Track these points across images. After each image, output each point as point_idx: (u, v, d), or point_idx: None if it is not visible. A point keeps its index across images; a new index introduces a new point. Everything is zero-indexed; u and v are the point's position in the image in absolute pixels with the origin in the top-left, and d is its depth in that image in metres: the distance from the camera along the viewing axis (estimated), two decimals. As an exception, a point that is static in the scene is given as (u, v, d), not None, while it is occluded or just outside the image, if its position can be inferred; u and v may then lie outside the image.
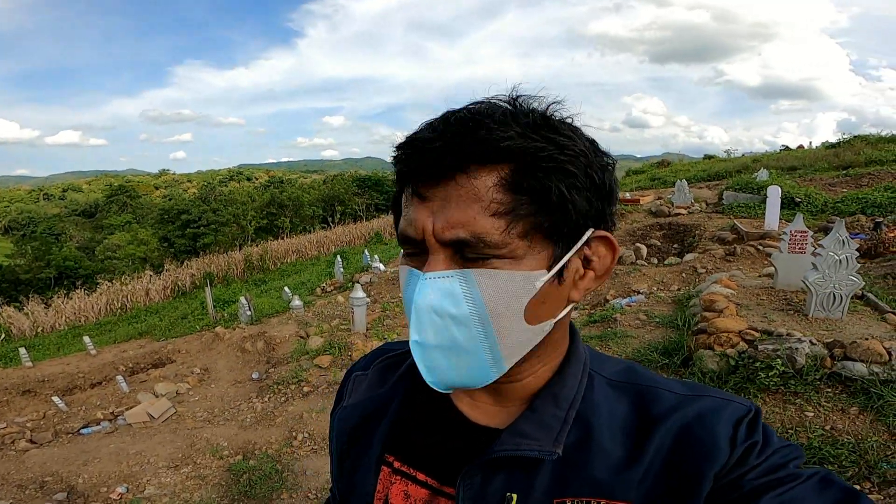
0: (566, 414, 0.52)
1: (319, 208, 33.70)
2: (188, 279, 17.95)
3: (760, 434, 0.49)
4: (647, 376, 0.56)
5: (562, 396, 0.53)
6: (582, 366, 0.55)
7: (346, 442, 0.65)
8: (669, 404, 0.52)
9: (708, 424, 0.49)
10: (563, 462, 0.51)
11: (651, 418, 0.51)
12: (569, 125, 0.48)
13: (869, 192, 11.37)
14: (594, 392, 0.54)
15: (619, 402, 0.53)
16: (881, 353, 3.36)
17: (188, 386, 5.96)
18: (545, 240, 0.46)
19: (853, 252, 4.21)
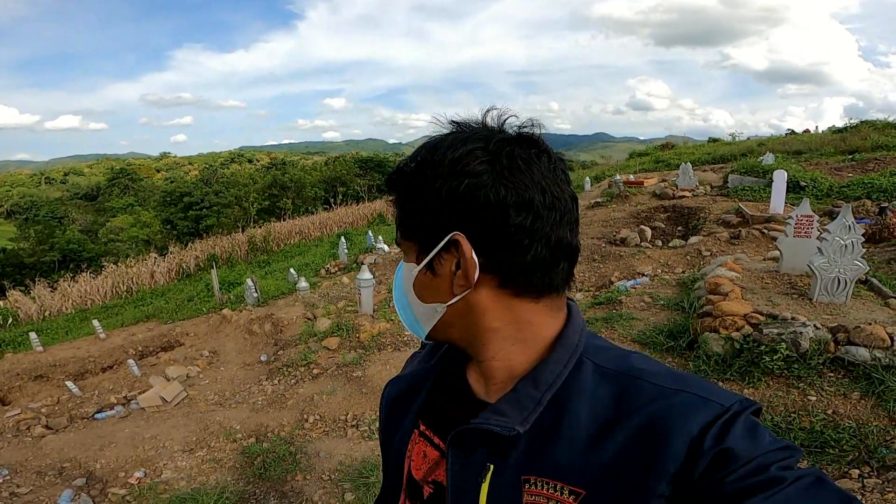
0: (542, 395, 0.56)
1: (321, 190, 33.60)
2: (192, 261, 17.99)
3: (740, 434, 0.47)
4: (638, 367, 0.56)
5: (541, 379, 0.57)
6: (570, 352, 0.57)
7: (389, 408, 0.76)
8: (646, 396, 0.52)
9: (670, 423, 0.49)
10: (536, 441, 0.56)
11: (624, 409, 0.52)
12: (436, 147, 0.57)
13: (875, 176, 11.31)
14: (580, 378, 0.56)
15: (602, 390, 0.55)
16: (884, 339, 3.38)
17: (198, 369, 6.03)
18: (411, 241, 0.60)
19: (859, 237, 4.22)
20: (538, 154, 0.56)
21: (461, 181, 0.54)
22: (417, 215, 0.58)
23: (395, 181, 0.61)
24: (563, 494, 0.53)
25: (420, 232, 0.59)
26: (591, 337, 0.61)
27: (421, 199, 0.57)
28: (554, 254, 0.56)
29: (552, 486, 0.54)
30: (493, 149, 0.54)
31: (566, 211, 0.56)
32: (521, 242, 0.54)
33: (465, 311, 0.58)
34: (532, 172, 0.54)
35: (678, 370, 0.57)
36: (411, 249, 0.61)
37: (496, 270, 0.55)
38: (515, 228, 0.53)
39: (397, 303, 0.65)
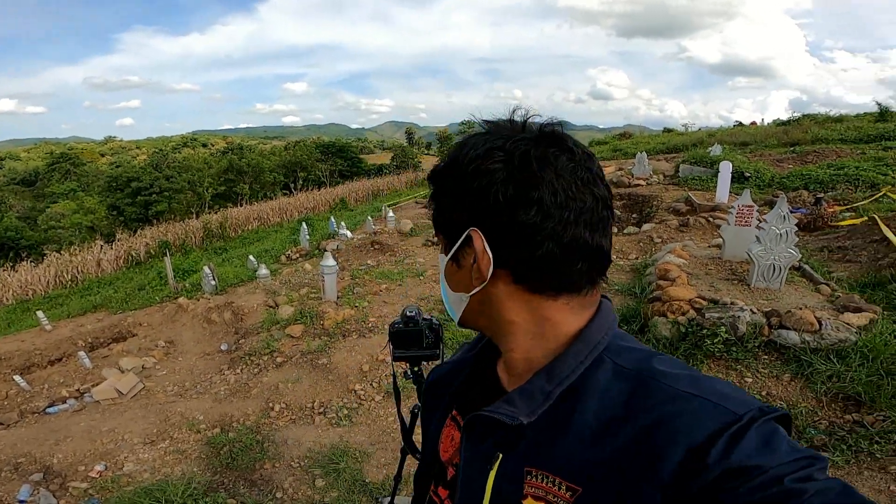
0: (553, 389, 0.57)
1: (281, 175, 32.78)
2: (143, 248, 17.31)
3: (751, 445, 0.45)
4: (656, 369, 0.54)
5: (554, 374, 0.57)
6: (590, 350, 0.57)
7: (430, 392, 0.82)
8: (656, 398, 0.51)
9: (673, 428, 0.48)
10: (543, 434, 0.57)
11: (632, 409, 0.52)
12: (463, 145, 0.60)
13: (813, 168, 12.07)
14: (596, 376, 0.56)
15: (615, 389, 0.54)
16: (812, 323, 3.63)
17: (154, 360, 5.87)
18: (441, 234, 0.64)
19: (793, 227, 4.56)
20: (556, 153, 0.56)
21: (476, 179, 0.56)
22: (443, 211, 0.63)
23: (429, 177, 0.65)
24: (561, 490, 0.53)
25: (445, 226, 0.63)
26: (618, 337, 0.60)
27: (446, 195, 0.62)
28: (567, 253, 0.55)
29: (551, 479, 0.54)
30: (509, 148, 0.56)
31: (584, 211, 0.55)
32: (530, 240, 0.55)
33: (485, 303, 0.61)
34: (544, 171, 0.54)
35: (703, 375, 0.54)
36: (442, 241, 0.65)
37: (509, 266, 0.57)
38: (523, 226, 0.54)
39: (441, 286, 0.69)
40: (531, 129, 0.58)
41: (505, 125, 0.60)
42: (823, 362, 3.44)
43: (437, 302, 6.09)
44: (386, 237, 10.45)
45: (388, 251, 9.42)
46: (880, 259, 5.24)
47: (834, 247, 6.31)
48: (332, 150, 39.49)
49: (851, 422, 3.07)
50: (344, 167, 38.20)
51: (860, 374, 3.26)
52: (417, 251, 9.11)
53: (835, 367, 3.37)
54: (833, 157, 13.81)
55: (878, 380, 3.20)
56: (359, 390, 4.22)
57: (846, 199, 9.18)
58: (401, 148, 49.29)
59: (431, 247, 9.31)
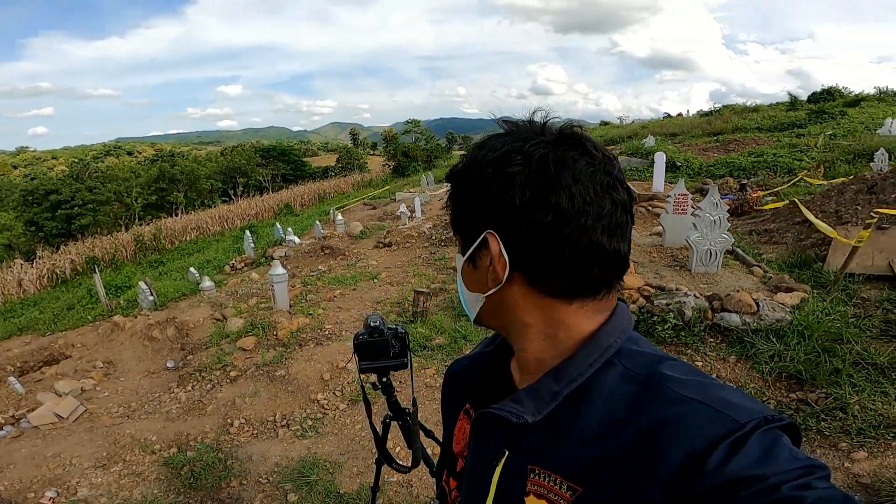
0: (560, 390, 0.57)
1: (218, 181, 31.43)
2: (68, 266, 16.19)
3: (751, 454, 0.44)
4: (664, 373, 0.54)
5: (563, 375, 0.58)
6: (600, 353, 0.57)
7: (447, 385, 0.84)
8: (660, 402, 0.51)
9: (674, 432, 0.48)
10: (548, 433, 0.57)
11: (635, 412, 0.52)
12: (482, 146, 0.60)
13: (735, 156, 12.97)
14: (604, 378, 0.56)
15: (622, 392, 0.54)
16: (750, 304, 3.84)
17: (94, 381, 5.52)
18: (458, 234, 0.64)
19: (725, 213, 4.89)
20: (576, 157, 0.55)
21: (494, 182, 0.56)
22: (460, 211, 0.63)
23: (448, 177, 0.65)
24: (562, 489, 0.54)
25: (463, 227, 0.63)
26: (632, 342, 0.60)
27: (463, 196, 0.62)
28: (583, 257, 0.55)
29: (552, 478, 0.55)
30: (528, 151, 0.55)
31: (602, 216, 0.55)
32: (546, 244, 0.55)
33: (500, 304, 0.61)
34: (562, 175, 0.54)
35: (711, 380, 0.54)
36: (459, 241, 0.65)
37: (525, 269, 0.57)
38: (540, 230, 0.54)
39: (458, 285, 0.69)
40: (550, 131, 0.58)
41: (524, 126, 0.59)
42: (764, 342, 3.61)
43: (393, 305, 6.06)
44: (336, 241, 10.26)
45: (339, 255, 9.26)
46: (804, 240, 5.70)
47: (761, 230, 6.80)
48: (274, 153, 38.24)
49: (797, 400, 3.20)
50: (287, 171, 37.11)
51: (798, 352, 3.43)
52: (369, 254, 9.01)
53: (775, 347, 3.54)
54: (752, 145, 14.91)
55: (815, 357, 3.37)
56: (321, 400, 4.12)
57: (768, 185, 9.94)
58: (346, 149, 48.43)
59: (383, 248, 9.23)
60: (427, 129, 40.88)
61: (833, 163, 10.97)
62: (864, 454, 2.73)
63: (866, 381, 3.14)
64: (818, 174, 10.14)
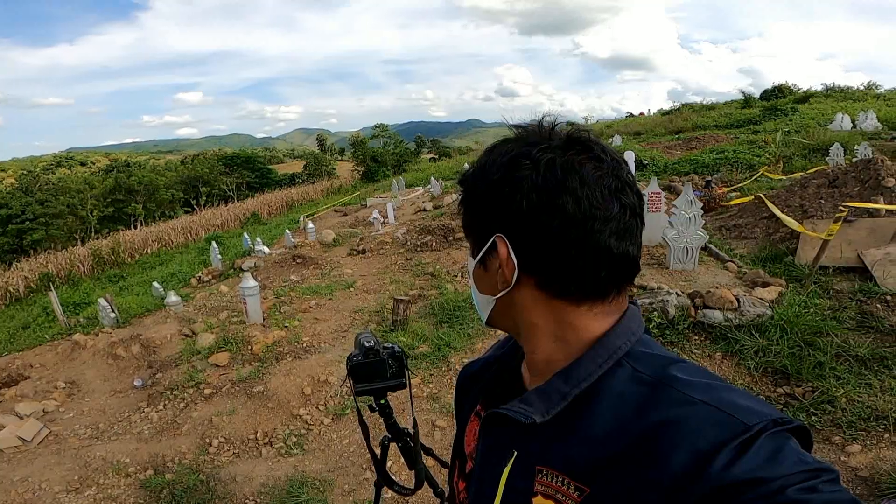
0: (569, 391, 0.57)
1: (179, 191, 30.43)
2: (21, 283, 15.37)
3: (758, 457, 0.44)
4: (673, 375, 0.54)
5: (572, 376, 0.58)
6: (609, 355, 0.57)
7: (460, 387, 0.84)
8: (667, 403, 0.51)
9: (679, 434, 0.48)
10: (556, 434, 0.57)
11: (643, 413, 0.52)
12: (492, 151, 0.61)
13: (698, 154, 13.35)
14: (613, 380, 0.56)
15: (630, 394, 0.54)
16: (731, 301, 3.88)
17: (56, 402, 5.23)
18: (469, 238, 0.65)
19: (699, 210, 4.98)
20: (583, 161, 0.55)
21: (503, 187, 0.57)
22: (471, 215, 0.64)
23: (460, 181, 0.66)
24: (569, 489, 0.54)
25: (474, 230, 0.64)
26: (642, 344, 0.60)
27: (474, 201, 0.63)
28: (591, 260, 0.55)
29: (560, 479, 0.55)
30: (535, 156, 0.56)
31: (610, 219, 0.55)
32: (554, 247, 0.55)
33: (510, 306, 0.62)
34: (568, 180, 0.54)
35: (721, 382, 0.54)
36: (471, 244, 0.66)
37: (534, 272, 0.58)
38: (547, 234, 0.55)
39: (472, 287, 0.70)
40: (559, 135, 0.59)
41: (533, 131, 0.60)
42: (748, 338, 3.64)
43: (371, 314, 5.93)
44: (308, 250, 10.02)
45: (311, 264, 9.03)
46: (772, 234, 5.88)
47: (730, 225, 6.99)
48: (237, 161, 37.33)
49: (784, 395, 3.23)
50: (252, 179, 36.26)
51: (782, 346, 3.47)
52: (344, 262, 8.83)
53: (758, 342, 3.58)
54: (712, 142, 15.42)
55: (798, 351, 3.42)
56: (304, 415, 3.97)
57: (731, 181, 10.26)
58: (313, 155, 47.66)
59: (358, 256, 9.07)
60: (395, 133, 40.73)
61: (790, 158, 11.42)
62: (859, 447, 2.75)
63: (849, 373, 3.19)
64: (777, 169, 10.53)
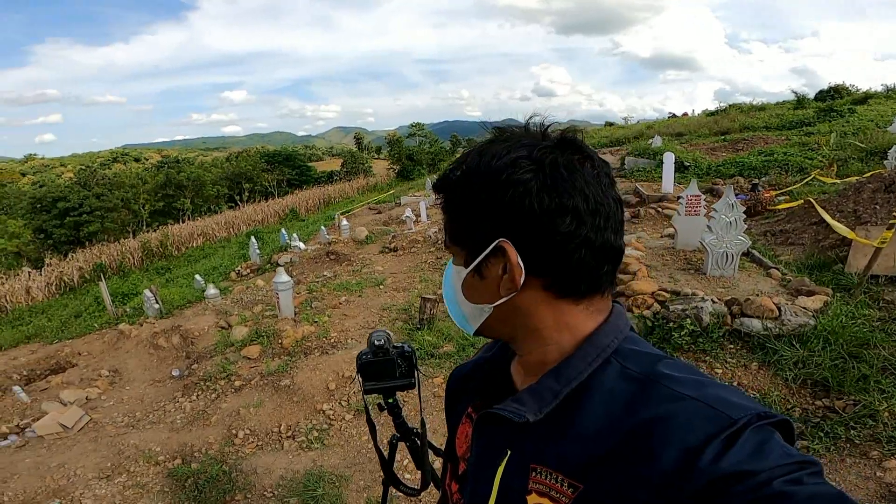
0: (560, 389, 0.58)
1: (224, 187, 31.54)
2: (76, 273, 16.26)
3: (743, 450, 0.45)
4: (662, 372, 0.54)
5: (563, 374, 0.58)
6: (598, 352, 0.58)
7: (450, 390, 0.84)
8: (656, 400, 0.52)
9: (668, 430, 0.48)
10: (549, 432, 0.58)
11: (632, 410, 0.52)
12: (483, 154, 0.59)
13: (745, 156, 12.77)
14: (603, 377, 0.57)
15: (620, 391, 0.55)
16: (772, 309, 3.69)
17: (99, 390, 5.48)
18: (458, 246, 0.63)
19: (741, 214, 4.74)
20: (581, 160, 0.57)
21: (507, 190, 0.56)
22: (465, 222, 0.61)
23: (442, 187, 0.64)
24: (563, 486, 0.55)
25: (468, 238, 0.61)
26: (630, 341, 0.61)
27: (468, 206, 0.60)
28: (598, 257, 0.57)
29: (554, 476, 0.56)
30: (537, 157, 0.56)
31: (610, 215, 0.57)
32: (566, 248, 0.56)
33: (510, 312, 0.61)
34: (575, 179, 0.55)
35: (709, 379, 0.54)
36: (459, 253, 0.64)
37: (542, 274, 0.58)
38: (560, 235, 0.55)
39: (447, 300, 0.69)
40: (550, 136, 0.59)
41: (520, 133, 0.60)
42: (787, 348, 3.47)
43: (399, 311, 5.96)
44: (341, 246, 10.20)
45: (344, 261, 9.18)
46: (822, 241, 5.54)
47: (776, 230, 6.64)
48: (279, 158, 38.34)
49: (823, 408, 3.08)
50: (292, 176, 37.19)
51: (824, 358, 3.30)
52: (375, 259, 8.93)
53: (799, 353, 3.41)
54: (761, 143, 14.70)
55: (842, 364, 3.24)
56: (327, 410, 4.03)
57: (780, 184, 9.76)
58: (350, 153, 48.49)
59: (389, 253, 9.15)
60: (431, 132, 40.90)
61: (845, 161, 10.77)
62: (896, 463, 2.60)
63: (895, 387, 3.00)
64: (831, 173, 9.94)
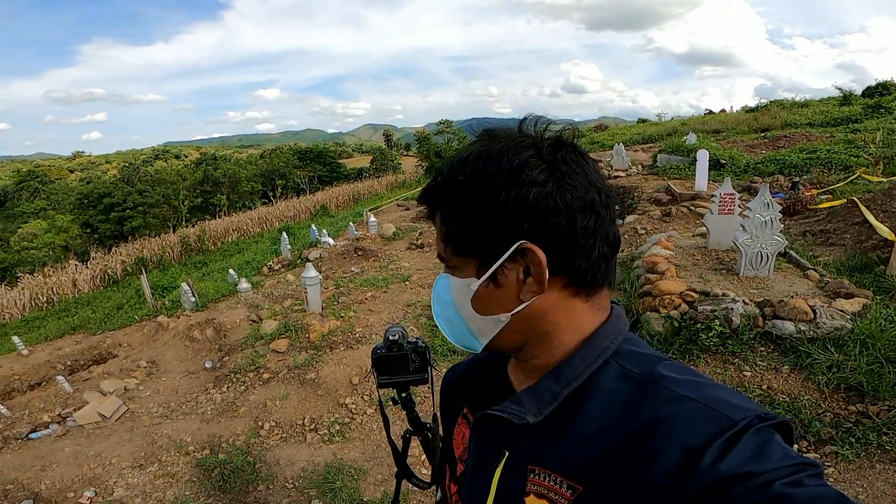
0: (560, 390, 0.58)
1: (258, 183, 32.33)
2: (119, 266, 16.94)
3: (744, 451, 0.45)
4: (661, 373, 0.55)
5: (563, 376, 0.58)
6: (598, 353, 0.59)
7: (445, 391, 0.84)
8: (655, 401, 0.52)
9: (669, 431, 0.48)
10: (548, 433, 0.58)
11: (632, 412, 0.52)
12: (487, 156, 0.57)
13: (786, 153, 12.26)
14: (602, 378, 0.57)
15: (619, 393, 0.55)
16: (806, 312, 3.56)
17: (137, 381, 5.71)
18: (467, 256, 0.60)
19: (777, 213, 4.56)
20: (582, 158, 0.58)
21: (526, 190, 0.55)
22: (477, 228, 0.58)
23: (440, 196, 0.61)
24: (562, 488, 0.55)
25: (481, 245, 0.58)
26: (629, 342, 0.61)
27: (480, 212, 0.57)
28: (611, 248, 0.59)
29: (553, 478, 0.56)
30: (547, 156, 0.56)
31: (614, 207, 0.59)
32: (587, 243, 0.56)
33: (525, 318, 0.60)
34: (587, 174, 0.57)
35: (709, 382, 0.54)
36: (467, 264, 0.60)
37: (562, 272, 0.57)
38: (583, 230, 0.55)
39: (442, 320, 0.66)
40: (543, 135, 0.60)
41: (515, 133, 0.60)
42: (821, 352, 3.35)
43: (423, 308, 6.00)
44: (369, 242, 10.32)
45: (371, 257, 9.29)
46: (864, 241, 5.28)
47: (816, 230, 6.37)
48: (310, 155, 39.05)
49: (856, 413, 2.99)
50: (323, 173, 37.83)
51: (860, 363, 3.18)
52: (402, 255, 9.00)
53: (833, 357, 3.29)
54: (804, 141, 14.08)
55: (878, 368, 3.12)
56: (349, 404, 4.10)
57: (822, 182, 9.34)
58: (379, 150, 48.98)
59: (416, 250, 9.20)
60: (459, 129, 40.87)
61: (892, 159, 10.21)
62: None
63: (934, 393, 2.86)
64: (877, 171, 9.46)
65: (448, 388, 0.84)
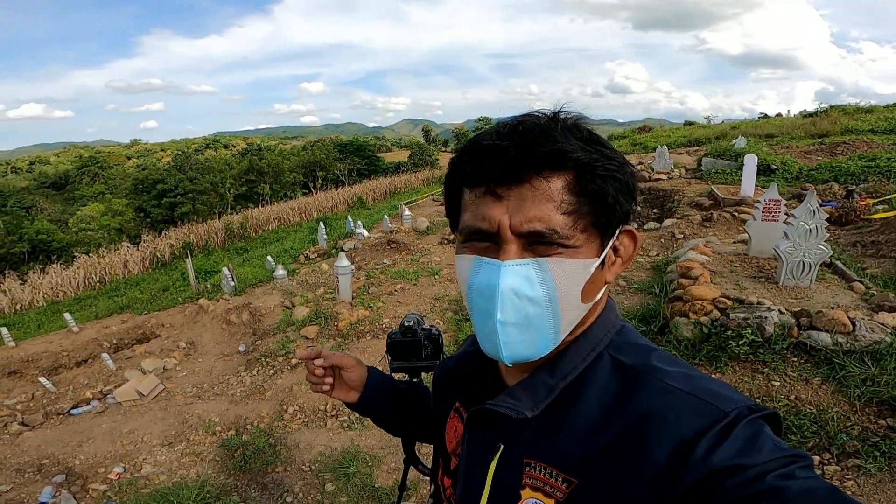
0: (556, 384, 0.58)
1: (300, 174, 33.15)
2: (167, 250, 17.71)
3: (735, 443, 0.45)
4: (653, 365, 0.55)
5: (559, 368, 0.59)
6: (592, 346, 0.59)
7: (437, 385, 0.85)
8: (648, 393, 0.52)
9: (661, 422, 0.49)
10: (543, 427, 0.58)
11: (625, 403, 0.53)
12: (605, 139, 0.57)
13: (843, 160, 11.59)
14: (596, 371, 0.57)
15: (613, 385, 0.55)
16: (845, 324, 3.42)
17: (175, 361, 5.94)
18: (597, 233, 0.55)
19: (823, 222, 4.34)
20: None
21: (632, 170, 0.57)
22: (616, 201, 0.54)
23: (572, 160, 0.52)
24: (557, 481, 0.55)
25: (614, 220, 0.56)
26: (621, 334, 0.61)
27: (624, 183, 0.55)
28: None
29: (548, 471, 0.56)
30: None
31: None
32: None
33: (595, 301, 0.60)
34: None
35: (699, 374, 0.55)
36: (591, 242, 0.55)
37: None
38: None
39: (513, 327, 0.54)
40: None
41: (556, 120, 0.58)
42: (857, 365, 3.23)
43: (451, 302, 6.03)
44: (402, 236, 10.42)
45: (404, 250, 9.39)
46: (917, 255, 4.96)
47: (867, 241, 6.01)
48: (350, 148, 39.74)
49: (886, 427, 2.87)
50: (362, 166, 38.45)
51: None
52: (433, 250, 9.05)
53: (869, 370, 3.16)
54: (864, 148, 13.26)
55: None
56: (372, 393, 4.19)
57: (879, 192, 8.79)
58: (418, 145, 49.34)
59: (447, 245, 9.24)
60: (500, 126, 40.61)
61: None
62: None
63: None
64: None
65: (439, 382, 0.84)
